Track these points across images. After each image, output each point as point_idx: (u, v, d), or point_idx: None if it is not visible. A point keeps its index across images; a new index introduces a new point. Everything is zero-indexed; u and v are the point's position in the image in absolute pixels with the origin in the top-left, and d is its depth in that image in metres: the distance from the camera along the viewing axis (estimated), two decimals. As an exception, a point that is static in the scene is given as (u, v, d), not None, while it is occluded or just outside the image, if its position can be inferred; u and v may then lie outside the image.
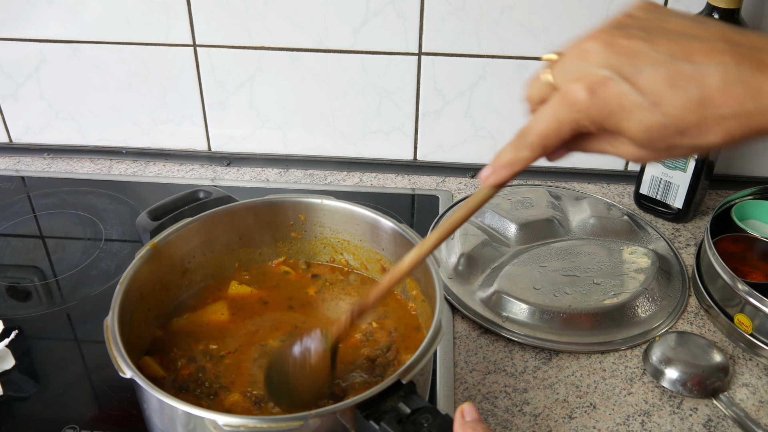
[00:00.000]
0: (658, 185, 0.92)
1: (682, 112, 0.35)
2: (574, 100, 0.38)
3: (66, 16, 0.97)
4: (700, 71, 0.35)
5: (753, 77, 0.34)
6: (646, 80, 0.36)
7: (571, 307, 0.75)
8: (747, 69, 0.34)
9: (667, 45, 0.36)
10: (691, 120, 0.36)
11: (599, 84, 0.37)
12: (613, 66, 0.37)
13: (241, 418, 0.46)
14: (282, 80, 0.99)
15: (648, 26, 0.37)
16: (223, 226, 0.69)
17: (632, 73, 0.36)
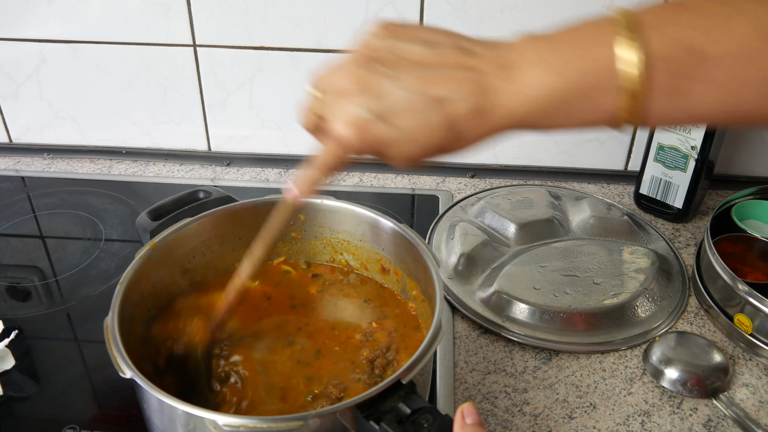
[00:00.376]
0: (658, 185, 0.92)
1: (434, 140, 0.42)
2: (345, 141, 0.44)
3: (66, 16, 0.97)
4: (441, 103, 0.41)
5: (480, 102, 0.41)
6: (400, 120, 0.42)
7: (571, 307, 0.75)
8: (476, 95, 0.41)
9: (410, 82, 0.42)
10: (442, 143, 0.42)
11: (363, 127, 0.43)
12: (370, 109, 0.42)
13: (241, 418, 0.46)
14: (282, 80, 0.99)
15: (388, 60, 0.43)
16: (223, 226, 0.69)
17: (387, 114, 0.42)
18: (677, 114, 0.40)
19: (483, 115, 0.41)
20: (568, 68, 0.40)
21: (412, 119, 0.42)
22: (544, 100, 0.40)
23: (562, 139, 1.01)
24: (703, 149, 0.86)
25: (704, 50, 0.37)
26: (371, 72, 0.43)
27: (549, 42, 0.42)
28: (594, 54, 0.39)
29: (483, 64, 0.41)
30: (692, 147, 0.87)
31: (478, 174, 1.04)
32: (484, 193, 0.97)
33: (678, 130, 0.87)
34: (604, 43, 0.39)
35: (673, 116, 0.40)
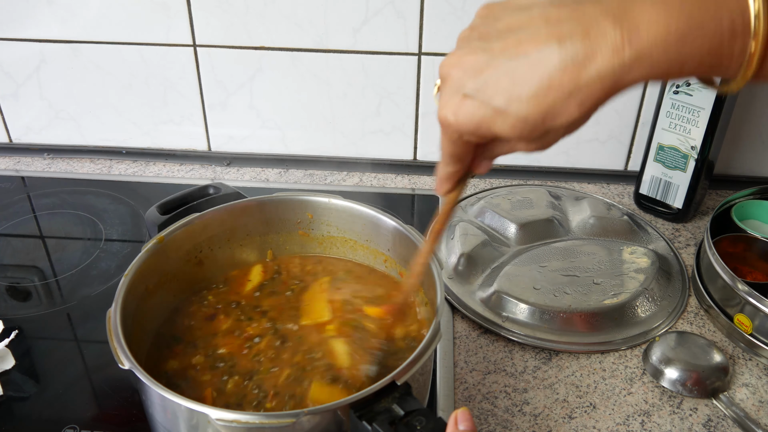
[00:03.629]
0: (658, 185, 0.92)
1: (534, 105, 0.38)
2: (446, 124, 0.42)
3: (66, 16, 0.97)
4: (532, 61, 0.37)
5: (578, 48, 0.36)
6: (493, 89, 0.39)
7: (571, 307, 0.75)
8: (571, 43, 0.36)
9: (501, 45, 0.39)
10: (545, 108, 0.38)
11: (458, 106, 0.41)
12: (465, 85, 0.40)
13: (234, 413, 0.46)
14: (282, 80, 0.99)
15: (485, 33, 0.40)
16: (231, 222, 0.69)
17: (481, 87, 0.39)
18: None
19: (586, 67, 0.36)
20: (690, 8, 0.35)
21: (505, 85, 0.38)
22: (662, 42, 0.35)
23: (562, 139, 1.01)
24: (703, 149, 0.86)
25: None
26: (468, 49, 0.41)
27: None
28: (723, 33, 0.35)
29: (583, 13, 0.37)
30: (692, 147, 0.87)
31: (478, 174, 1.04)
32: (484, 193, 0.97)
33: (678, 130, 0.87)
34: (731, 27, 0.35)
35: None
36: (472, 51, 0.40)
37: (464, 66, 0.40)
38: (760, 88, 0.93)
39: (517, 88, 0.38)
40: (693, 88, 0.84)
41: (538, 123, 0.39)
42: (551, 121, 0.38)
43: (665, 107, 0.87)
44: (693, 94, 0.84)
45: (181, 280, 0.67)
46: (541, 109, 0.38)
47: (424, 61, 0.96)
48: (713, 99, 0.83)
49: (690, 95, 0.85)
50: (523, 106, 0.38)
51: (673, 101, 0.86)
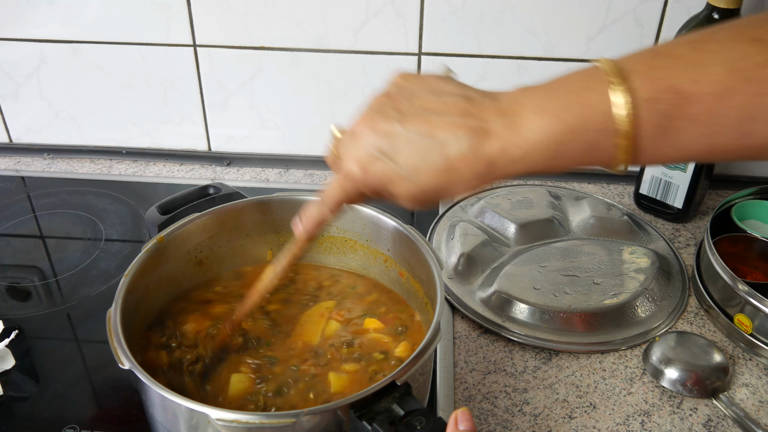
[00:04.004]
0: (658, 185, 0.92)
1: (434, 179, 0.44)
2: (353, 176, 0.47)
3: (66, 16, 0.97)
4: (439, 143, 0.44)
5: (479, 144, 0.43)
6: (403, 158, 0.45)
7: (571, 307, 0.75)
8: (474, 138, 0.43)
9: (416, 123, 0.45)
10: (442, 183, 0.45)
11: (369, 163, 0.46)
12: (378, 147, 0.45)
13: (234, 413, 0.46)
14: (282, 80, 0.99)
15: (400, 107, 0.46)
16: (231, 222, 0.69)
17: (392, 152, 0.45)
18: (668, 151, 0.42)
19: (480, 159, 0.43)
20: (564, 113, 0.42)
21: (414, 157, 0.44)
22: (543, 143, 0.42)
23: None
24: (703, 149, 0.86)
25: (685, 90, 0.40)
26: (383, 115, 0.46)
27: (545, 90, 0.44)
28: (587, 98, 0.42)
29: (484, 111, 0.44)
30: (692, 147, 0.87)
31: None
32: (484, 193, 0.97)
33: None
34: (595, 88, 0.41)
35: (664, 153, 0.43)
36: (387, 119, 0.46)
37: (378, 130, 0.46)
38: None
39: (424, 164, 0.44)
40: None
41: (431, 193, 0.45)
42: (442, 193, 0.45)
43: (665, 107, 0.87)
44: (693, 94, 0.84)
45: (181, 280, 0.67)
46: (439, 183, 0.45)
47: (424, 61, 0.96)
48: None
49: (690, 95, 0.85)
50: (426, 178, 0.44)
51: (673, 101, 0.86)
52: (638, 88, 0.41)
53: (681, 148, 0.42)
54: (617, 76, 0.41)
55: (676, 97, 0.40)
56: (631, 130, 0.41)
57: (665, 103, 0.40)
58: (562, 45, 0.93)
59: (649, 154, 0.42)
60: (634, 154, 0.42)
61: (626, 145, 0.41)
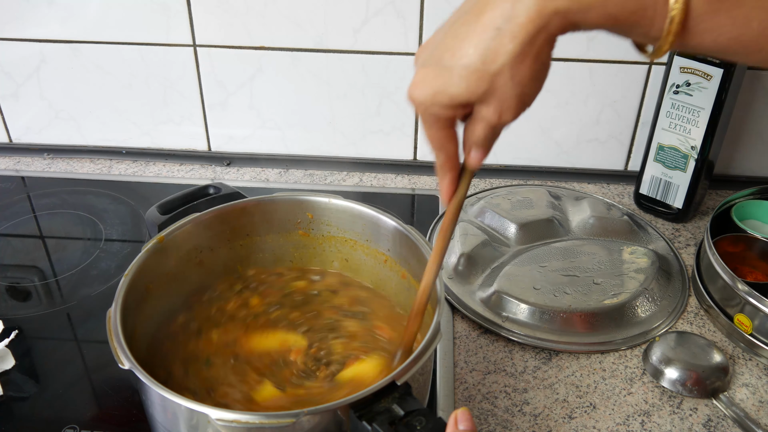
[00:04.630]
0: (658, 185, 0.92)
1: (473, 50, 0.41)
2: (412, 100, 0.45)
3: (66, 16, 0.97)
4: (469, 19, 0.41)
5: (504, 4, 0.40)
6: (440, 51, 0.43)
7: (571, 307, 0.75)
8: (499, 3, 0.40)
9: (452, 20, 0.43)
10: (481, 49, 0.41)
11: (419, 77, 0.44)
12: (421, 60, 0.44)
13: (234, 413, 0.46)
14: (282, 80, 0.99)
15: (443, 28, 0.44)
16: (231, 222, 0.69)
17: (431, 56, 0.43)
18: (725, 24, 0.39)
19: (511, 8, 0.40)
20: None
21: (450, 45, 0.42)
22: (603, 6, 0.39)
23: (562, 139, 1.01)
24: (703, 149, 0.86)
25: None
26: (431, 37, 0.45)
27: None
28: None
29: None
30: (692, 147, 0.87)
31: (478, 174, 1.04)
32: (484, 193, 0.97)
33: (678, 130, 0.87)
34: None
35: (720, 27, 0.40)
36: (434, 34, 0.45)
37: (425, 45, 0.45)
38: (760, 88, 0.93)
39: (459, 43, 0.41)
40: (693, 88, 0.84)
41: (480, 68, 0.41)
42: (491, 62, 0.41)
43: (665, 107, 0.87)
44: (693, 94, 0.84)
45: (181, 280, 0.67)
46: (478, 52, 0.41)
47: (424, 61, 0.96)
48: (713, 99, 0.83)
49: (690, 95, 0.85)
50: (463, 56, 0.41)
51: (673, 101, 0.86)
52: None
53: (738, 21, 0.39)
54: None
55: None
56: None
57: None
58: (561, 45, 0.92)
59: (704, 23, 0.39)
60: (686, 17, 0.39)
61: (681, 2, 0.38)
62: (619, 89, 0.96)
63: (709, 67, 0.82)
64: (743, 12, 0.39)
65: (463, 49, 0.41)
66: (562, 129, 1.00)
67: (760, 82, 0.93)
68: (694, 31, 0.40)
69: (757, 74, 0.92)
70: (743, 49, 0.40)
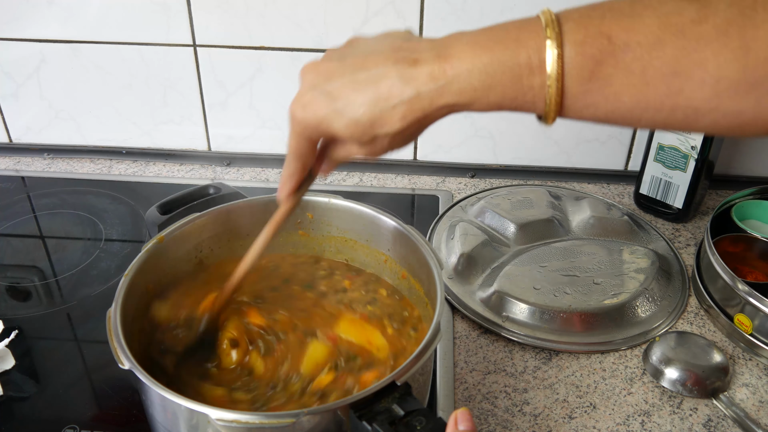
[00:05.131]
0: (658, 185, 0.92)
1: (366, 109, 0.45)
2: (294, 117, 0.49)
3: (66, 16, 0.97)
4: (371, 75, 0.45)
5: (406, 71, 0.44)
6: (336, 90, 0.46)
7: (571, 307, 0.75)
8: (402, 66, 0.44)
9: (352, 61, 0.47)
10: (374, 113, 0.45)
11: (307, 100, 0.47)
12: (315, 85, 0.47)
13: (234, 413, 0.46)
14: (282, 80, 0.99)
15: (343, 52, 0.48)
16: (231, 222, 0.69)
17: (327, 87, 0.47)
18: (598, 100, 0.43)
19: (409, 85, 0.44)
20: (494, 45, 0.43)
21: (347, 89, 0.46)
22: (470, 71, 0.43)
23: (562, 139, 1.01)
24: (703, 149, 0.86)
25: (616, 37, 0.41)
26: (326, 59, 0.49)
27: (481, 30, 0.45)
28: (519, 35, 0.43)
29: (418, 45, 0.46)
30: (692, 147, 0.87)
31: (478, 174, 1.04)
32: (484, 193, 0.97)
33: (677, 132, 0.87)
34: (529, 29, 0.43)
35: (595, 103, 0.43)
36: (329, 61, 0.48)
37: (319, 71, 0.48)
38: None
39: (356, 95, 0.45)
40: (693, 88, 0.84)
41: (366, 127, 0.46)
42: (379, 127, 0.46)
43: (665, 107, 0.87)
44: (693, 94, 0.84)
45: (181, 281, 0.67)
46: (371, 115, 0.45)
47: (424, 61, 0.96)
48: (713, 99, 0.83)
49: (690, 95, 0.85)
50: (358, 110, 0.45)
51: (673, 101, 0.86)
52: (570, 31, 0.42)
53: (610, 98, 0.42)
54: (552, 20, 0.42)
55: (608, 44, 0.41)
56: (559, 70, 0.42)
57: (596, 48, 0.41)
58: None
59: (579, 102, 0.43)
60: (563, 98, 0.43)
61: (555, 88, 0.42)
62: (619, 89, 0.96)
63: (709, 67, 0.82)
64: (613, 90, 0.42)
65: (357, 102, 0.45)
66: (562, 129, 1.00)
67: (760, 82, 0.93)
68: (573, 108, 0.44)
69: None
70: (622, 120, 0.44)
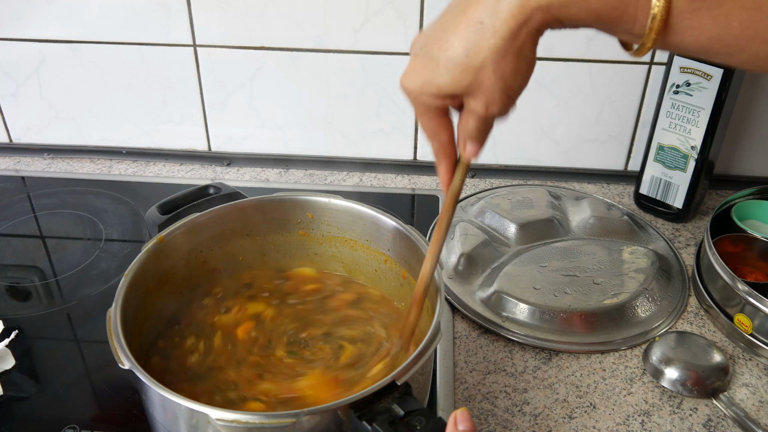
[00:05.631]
0: (658, 185, 0.92)
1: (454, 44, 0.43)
2: (403, 88, 0.47)
3: (66, 16, 0.97)
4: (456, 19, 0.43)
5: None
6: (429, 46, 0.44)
7: (571, 307, 0.75)
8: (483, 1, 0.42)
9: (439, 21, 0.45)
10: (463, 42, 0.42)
11: (409, 68, 0.46)
12: (414, 54, 0.46)
13: (234, 413, 0.46)
14: (282, 80, 0.99)
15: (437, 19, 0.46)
16: (231, 222, 0.69)
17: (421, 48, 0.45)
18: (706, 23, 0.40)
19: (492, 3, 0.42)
20: None
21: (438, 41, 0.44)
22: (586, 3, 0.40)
23: (561, 139, 1.01)
24: (703, 149, 0.86)
25: None
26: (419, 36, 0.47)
27: None
28: None
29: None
30: (692, 147, 0.87)
31: (478, 174, 1.04)
32: (484, 193, 0.97)
33: (678, 130, 0.87)
34: None
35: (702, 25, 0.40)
36: (422, 33, 0.47)
37: (417, 41, 0.47)
38: (760, 88, 0.93)
39: (445, 36, 0.43)
40: (693, 88, 0.84)
41: (463, 61, 0.43)
42: (474, 56, 0.42)
43: (665, 107, 0.87)
44: (693, 94, 0.84)
45: (181, 280, 0.67)
46: (462, 45, 0.42)
47: (424, 61, 0.96)
48: (713, 99, 0.83)
49: (690, 95, 0.85)
50: (449, 48, 0.43)
51: (673, 101, 0.86)
52: None
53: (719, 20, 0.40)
54: None
55: None
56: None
57: None
58: (561, 45, 0.93)
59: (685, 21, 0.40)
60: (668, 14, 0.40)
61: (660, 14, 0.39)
62: (619, 89, 0.96)
63: (709, 67, 0.82)
64: (723, 11, 0.39)
65: (449, 41, 0.43)
66: (562, 129, 1.00)
67: (760, 82, 0.93)
68: (676, 29, 0.40)
69: (757, 74, 0.92)
70: (724, 49, 0.41)
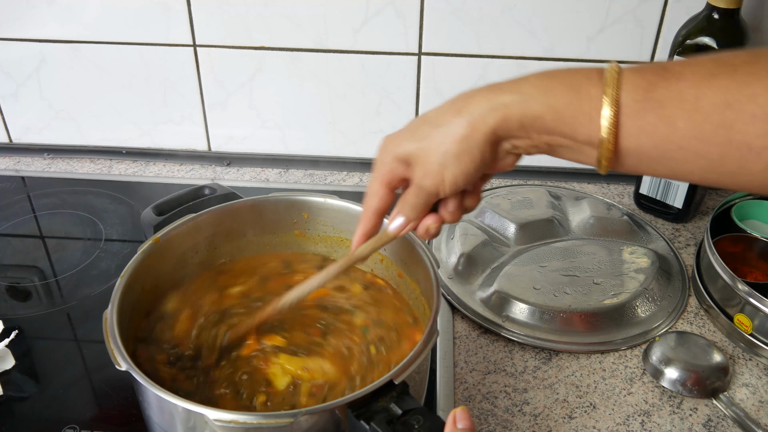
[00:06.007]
0: (658, 185, 0.92)
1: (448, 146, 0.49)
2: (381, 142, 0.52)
3: (66, 16, 0.97)
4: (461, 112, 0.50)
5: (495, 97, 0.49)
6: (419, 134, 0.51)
7: (571, 307, 0.75)
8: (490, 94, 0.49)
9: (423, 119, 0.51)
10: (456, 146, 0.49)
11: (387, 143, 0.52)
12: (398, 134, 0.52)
13: (232, 414, 0.46)
14: (282, 80, 0.99)
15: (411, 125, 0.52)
16: (226, 222, 0.69)
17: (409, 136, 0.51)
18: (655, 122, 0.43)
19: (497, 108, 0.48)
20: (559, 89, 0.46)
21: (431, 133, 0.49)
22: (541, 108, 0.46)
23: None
24: (703, 149, 0.86)
25: (672, 68, 0.43)
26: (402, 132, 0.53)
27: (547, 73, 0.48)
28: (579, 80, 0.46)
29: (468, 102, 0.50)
30: (692, 147, 0.87)
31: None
32: (484, 193, 0.97)
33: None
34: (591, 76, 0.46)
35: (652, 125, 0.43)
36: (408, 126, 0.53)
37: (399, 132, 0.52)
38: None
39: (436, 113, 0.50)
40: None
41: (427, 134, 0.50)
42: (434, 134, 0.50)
43: (665, 107, 0.87)
44: (693, 93, 0.84)
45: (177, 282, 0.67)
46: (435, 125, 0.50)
47: (424, 61, 0.96)
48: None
49: (690, 95, 0.84)
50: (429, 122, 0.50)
51: (673, 101, 0.86)
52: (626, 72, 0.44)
53: (665, 120, 0.43)
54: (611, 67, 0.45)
55: (663, 71, 0.43)
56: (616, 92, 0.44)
57: (651, 72, 0.44)
58: (562, 45, 0.93)
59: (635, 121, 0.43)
60: (618, 113, 0.44)
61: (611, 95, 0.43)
62: (619, 89, 0.96)
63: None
64: (666, 112, 0.43)
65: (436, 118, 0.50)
66: (562, 129, 1.00)
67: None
68: (630, 130, 0.44)
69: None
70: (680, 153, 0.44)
